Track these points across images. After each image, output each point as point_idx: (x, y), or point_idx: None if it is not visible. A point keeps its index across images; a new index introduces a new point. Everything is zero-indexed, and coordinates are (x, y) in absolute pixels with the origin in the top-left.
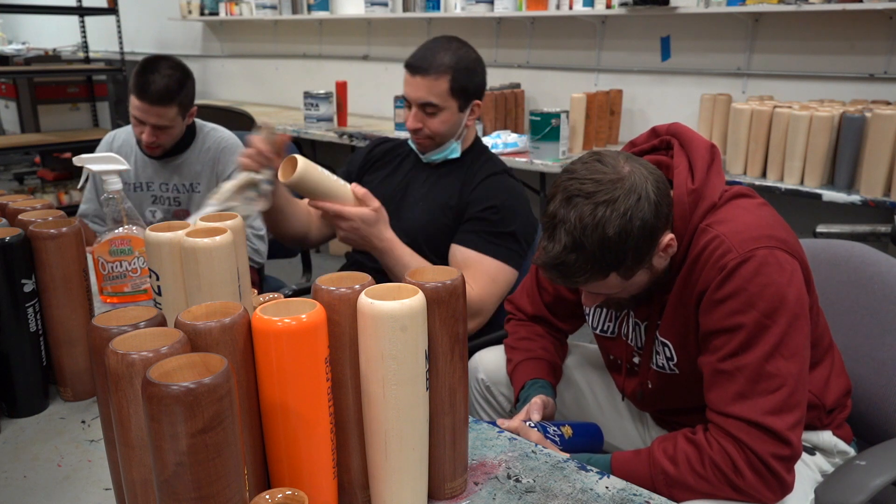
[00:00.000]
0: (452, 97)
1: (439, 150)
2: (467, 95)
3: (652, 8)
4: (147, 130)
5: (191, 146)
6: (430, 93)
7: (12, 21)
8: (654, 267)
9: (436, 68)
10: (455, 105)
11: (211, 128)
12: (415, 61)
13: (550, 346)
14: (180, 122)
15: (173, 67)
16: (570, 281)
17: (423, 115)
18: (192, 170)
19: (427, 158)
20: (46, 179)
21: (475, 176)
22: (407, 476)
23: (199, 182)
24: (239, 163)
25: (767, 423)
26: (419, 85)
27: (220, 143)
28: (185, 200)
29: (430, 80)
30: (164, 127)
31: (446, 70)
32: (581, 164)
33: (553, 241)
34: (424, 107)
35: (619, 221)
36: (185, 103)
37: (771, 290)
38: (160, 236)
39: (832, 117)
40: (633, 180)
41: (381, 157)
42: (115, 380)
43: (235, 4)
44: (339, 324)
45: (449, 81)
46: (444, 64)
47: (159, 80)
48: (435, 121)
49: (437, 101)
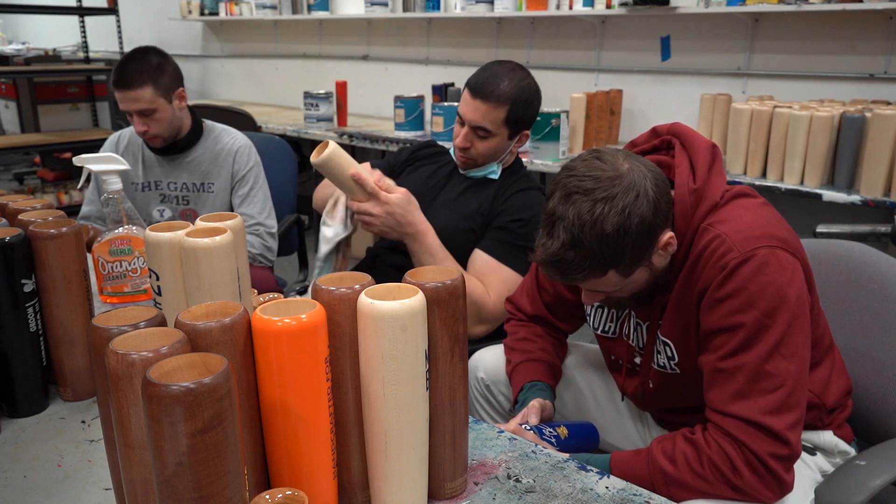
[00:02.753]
0: (506, 126)
1: (479, 169)
2: (520, 126)
3: (652, 8)
4: (136, 120)
5: (199, 143)
6: (486, 118)
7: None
8: (653, 265)
9: (497, 97)
10: (506, 133)
11: (222, 128)
12: (478, 84)
13: (550, 347)
14: (166, 106)
15: (144, 51)
16: (568, 278)
17: (474, 137)
18: (201, 168)
19: (466, 174)
20: (46, 179)
21: (509, 188)
22: (407, 476)
23: (211, 182)
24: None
25: (766, 423)
26: (477, 108)
27: (234, 143)
28: (195, 200)
29: (489, 106)
30: (148, 111)
31: (507, 101)
32: (580, 162)
33: (552, 238)
34: (477, 129)
35: (618, 219)
36: (164, 84)
37: (771, 289)
38: (160, 236)
39: (832, 117)
40: (632, 178)
41: (426, 158)
42: (115, 380)
43: (235, 4)
44: (339, 324)
45: (507, 112)
46: (505, 94)
47: (130, 65)
48: (484, 144)
49: (491, 127)
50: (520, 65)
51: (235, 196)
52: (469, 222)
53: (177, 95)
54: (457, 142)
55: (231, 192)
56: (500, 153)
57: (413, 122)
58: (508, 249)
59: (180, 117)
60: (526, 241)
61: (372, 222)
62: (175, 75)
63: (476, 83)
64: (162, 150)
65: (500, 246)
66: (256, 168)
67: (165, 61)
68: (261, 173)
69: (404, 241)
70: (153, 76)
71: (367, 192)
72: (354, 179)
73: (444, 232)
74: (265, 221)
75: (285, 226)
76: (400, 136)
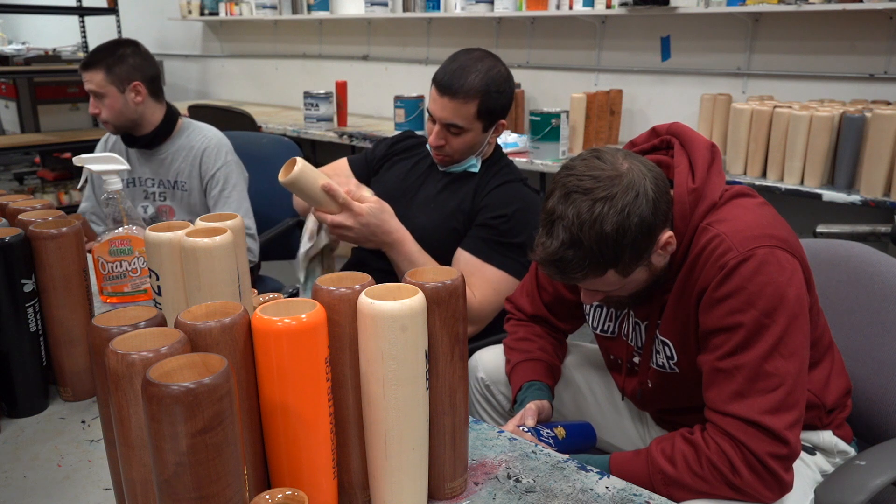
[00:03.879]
0: (479, 119)
1: (457, 164)
2: (494, 117)
3: (652, 8)
4: (91, 102)
5: (170, 140)
6: (457, 115)
7: (12, 21)
8: (652, 265)
9: (466, 92)
10: (480, 126)
11: (196, 126)
12: (445, 80)
13: (549, 347)
14: (117, 94)
15: (119, 42)
16: (567, 277)
17: (447, 134)
18: (174, 166)
19: (444, 170)
20: (46, 179)
21: (489, 182)
22: (407, 476)
23: (184, 181)
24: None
25: (765, 423)
26: (446, 106)
27: (203, 142)
28: (170, 196)
29: (458, 102)
30: (98, 95)
31: (476, 94)
32: (580, 161)
33: (551, 238)
34: (449, 127)
35: (617, 218)
36: (119, 73)
37: (770, 289)
38: (160, 236)
39: (832, 117)
40: (632, 177)
41: (403, 151)
42: (115, 380)
43: (235, 4)
44: (339, 324)
45: (478, 105)
46: (474, 87)
47: (98, 49)
48: (458, 140)
49: (463, 123)
50: (487, 52)
51: (209, 198)
52: (451, 221)
53: (132, 88)
54: (430, 140)
55: (204, 193)
56: (478, 146)
57: (413, 122)
58: (492, 247)
59: (136, 110)
60: (509, 236)
61: (346, 235)
62: (136, 68)
63: (443, 79)
64: (132, 144)
65: (484, 244)
66: (226, 168)
67: (132, 54)
68: (232, 172)
69: (383, 250)
70: (109, 63)
71: (338, 203)
72: (325, 191)
73: (424, 232)
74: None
75: (284, 228)
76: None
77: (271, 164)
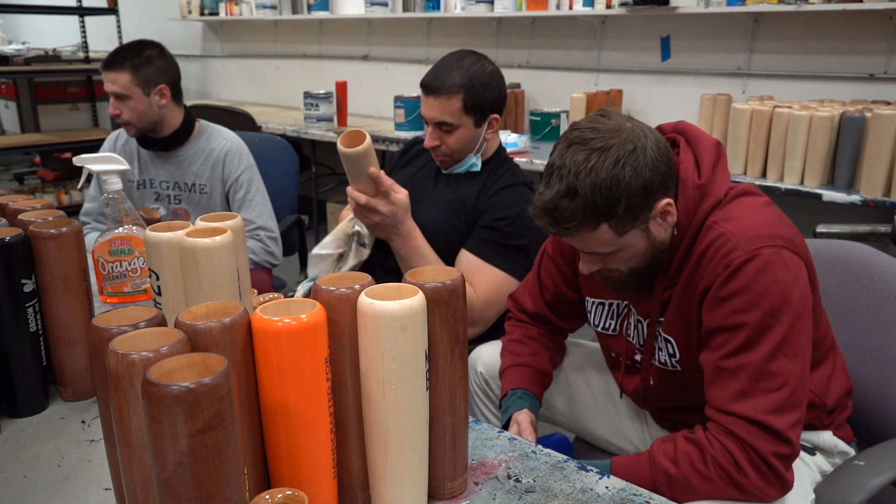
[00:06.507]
0: (467, 114)
1: (459, 165)
2: (483, 111)
3: (652, 8)
4: (111, 103)
5: (189, 142)
6: (444, 112)
7: (12, 21)
8: (651, 233)
9: (447, 88)
10: (471, 122)
11: (215, 128)
12: (428, 81)
13: (542, 350)
14: (141, 97)
15: (143, 43)
16: (561, 228)
17: (440, 133)
18: (192, 168)
19: (448, 172)
20: (46, 179)
21: (494, 184)
22: (407, 476)
23: (203, 184)
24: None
25: (768, 422)
26: (433, 105)
27: (225, 145)
28: (186, 199)
29: (441, 99)
30: (122, 96)
31: (458, 89)
32: (585, 119)
33: (548, 187)
34: (440, 125)
35: (612, 168)
36: (145, 75)
37: (775, 289)
38: (160, 236)
39: (832, 117)
40: (632, 133)
41: (415, 155)
42: (115, 380)
43: (235, 4)
44: (339, 324)
45: (462, 100)
46: (455, 84)
47: (122, 49)
48: (451, 138)
49: (452, 119)
50: (471, 51)
51: (233, 201)
52: (454, 219)
53: (157, 91)
54: (426, 143)
55: (227, 196)
56: (473, 143)
57: (413, 122)
58: (495, 248)
59: (159, 113)
60: (512, 239)
61: (372, 218)
62: (162, 71)
63: (427, 81)
64: (149, 146)
65: (487, 245)
66: (249, 171)
67: (158, 56)
68: (255, 175)
69: (390, 241)
70: (135, 64)
71: (380, 189)
72: (372, 176)
73: (428, 228)
74: (265, 224)
75: (286, 226)
76: (400, 135)
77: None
